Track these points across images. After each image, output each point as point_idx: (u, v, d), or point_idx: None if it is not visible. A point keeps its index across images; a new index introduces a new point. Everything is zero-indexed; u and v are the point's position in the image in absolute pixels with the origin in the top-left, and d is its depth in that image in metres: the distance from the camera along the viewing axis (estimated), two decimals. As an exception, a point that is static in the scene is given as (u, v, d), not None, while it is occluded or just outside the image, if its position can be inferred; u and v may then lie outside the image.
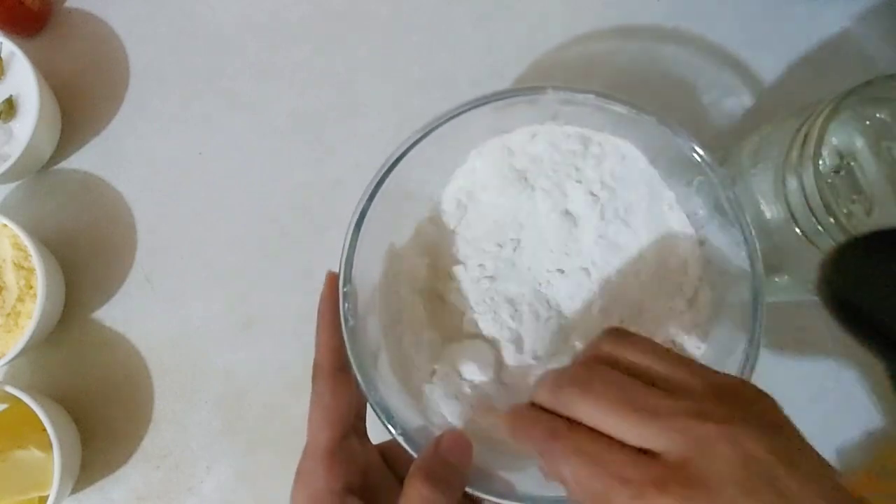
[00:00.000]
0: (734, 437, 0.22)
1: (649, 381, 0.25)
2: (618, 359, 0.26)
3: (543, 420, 0.26)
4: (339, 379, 0.31)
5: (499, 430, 0.34)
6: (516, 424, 0.27)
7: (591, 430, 0.24)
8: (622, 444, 0.23)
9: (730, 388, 0.24)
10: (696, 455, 0.22)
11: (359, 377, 0.32)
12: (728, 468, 0.21)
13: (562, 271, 0.37)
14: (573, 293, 0.37)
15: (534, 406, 0.27)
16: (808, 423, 0.24)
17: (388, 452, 0.33)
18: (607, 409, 0.24)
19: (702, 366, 0.25)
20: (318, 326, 0.32)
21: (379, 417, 0.31)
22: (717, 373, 0.25)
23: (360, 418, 0.33)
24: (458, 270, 0.38)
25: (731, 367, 0.32)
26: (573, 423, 0.25)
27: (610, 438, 0.24)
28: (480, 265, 0.38)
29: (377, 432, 0.33)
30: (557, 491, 0.31)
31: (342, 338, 0.32)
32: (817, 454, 0.23)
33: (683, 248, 0.37)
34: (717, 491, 0.21)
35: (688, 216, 0.37)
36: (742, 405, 0.24)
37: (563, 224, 0.37)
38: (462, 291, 0.37)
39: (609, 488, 0.23)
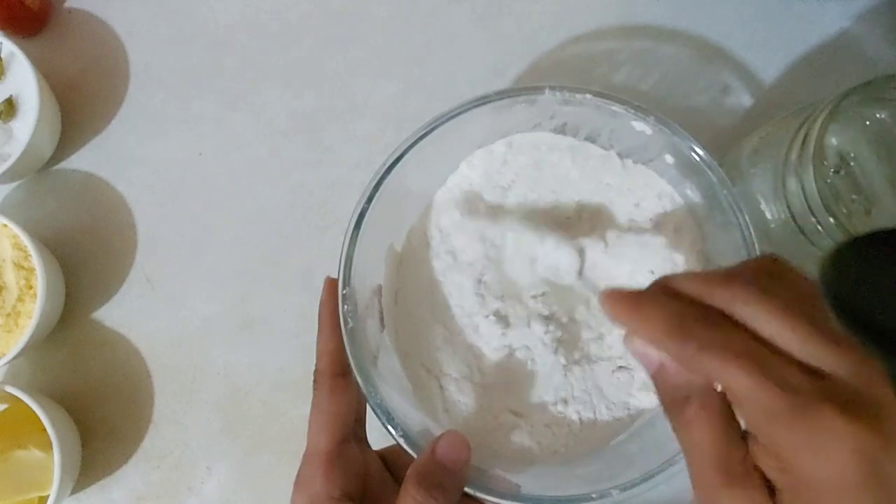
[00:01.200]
0: None
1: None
2: (788, 280, 0.23)
3: (690, 305, 0.22)
4: (340, 384, 0.31)
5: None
6: (640, 301, 0.23)
7: (753, 335, 0.21)
8: (795, 359, 0.21)
9: None
10: (874, 389, 0.20)
11: (359, 378, 0.32)
12: None
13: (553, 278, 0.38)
14: (569, 295, 0.37)
15: (658, 291, 0.23)
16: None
17: (389, 458, 0.33)
18: (788, 319, 0.21)
19: None
20: (318, 332, 0.32)
21: (379, 419, 0.31)
22: None
23: (361, 424, 0.33)
24: (455, 269, 0.38)
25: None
26: (733, 321, 0.22)
27: (779, 349, 0.21)
28: (471, 264, 0.38)
29: (379, 436, 0.33)
30: (558, 491, 0.31)
31: (342, 343, 0.32)
32: None
33: (683, 249, 0.37)
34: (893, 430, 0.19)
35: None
36: None
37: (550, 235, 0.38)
38: (460, 290, 0.37)
39: (775, 398, 0.20)
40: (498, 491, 0.30)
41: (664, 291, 0.23)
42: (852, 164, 0.34)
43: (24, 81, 0.48)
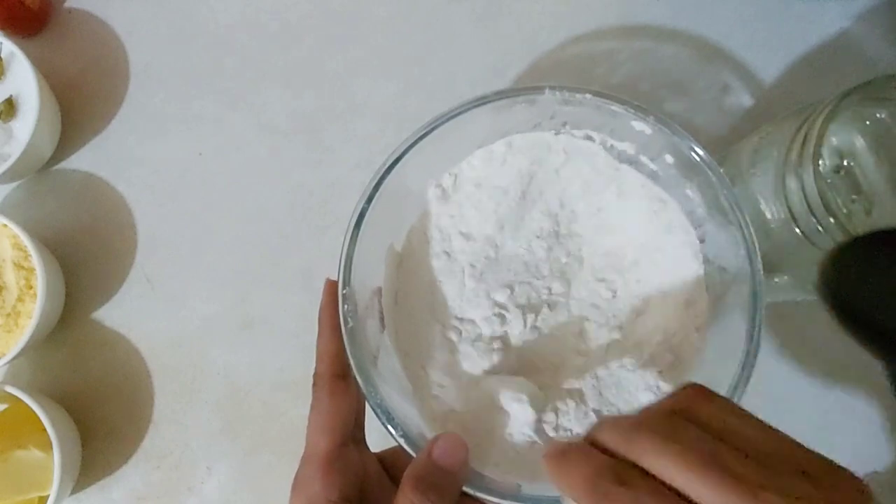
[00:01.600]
0: None
1: (734, 447, 0.22)
2: (701, 418, 0.23)
3: (606, 462, 0.23)
4: (339, 387, 0.31)
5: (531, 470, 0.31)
6: (565, 460, 0.24)
7: (662, 486, 0.21)
8: None
9: (822, 467, 0.22)
10: None
11: (359, 378, 0.32)
12: None
13: (554, 278, 0.37)
14: (565, 298, 0.37)
15: (587, 446, 0.24)
16: (808, 423, 0.24)
17: (388, 460, 0.33)
18: (691, 466, 0.21)
19: (791, 438, 0.23)
20: (318, 334, 0.32)
21: (379, 419, 0.31)
22: (807, 449, 0.22)
23: (360, 426, 0.33)
24: (452, 269, 0.38)
25: (730, 367, 0.32)
26: (645, 474, 0.22)
27: (687, 501, 0.21)
28: (472, 265, 0.38)
29: (379, 437, 0.33)
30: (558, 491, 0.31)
31: (342, 345, 0.32)
32: None
33: (682, 249, 0.37)
34: None
35: (686, 215, 0.37)
36: (836, 489, 0.21)
37: (549, 238, 0.38)
38: (458, 289, 0.37)
39: None
40: (498, 491, 0.30)
41: (592, 443, 0.24)
42: (852, 164, 0.34)
43: (24, 81, 0.48)
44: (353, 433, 0.32)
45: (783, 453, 0.22)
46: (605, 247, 0.38)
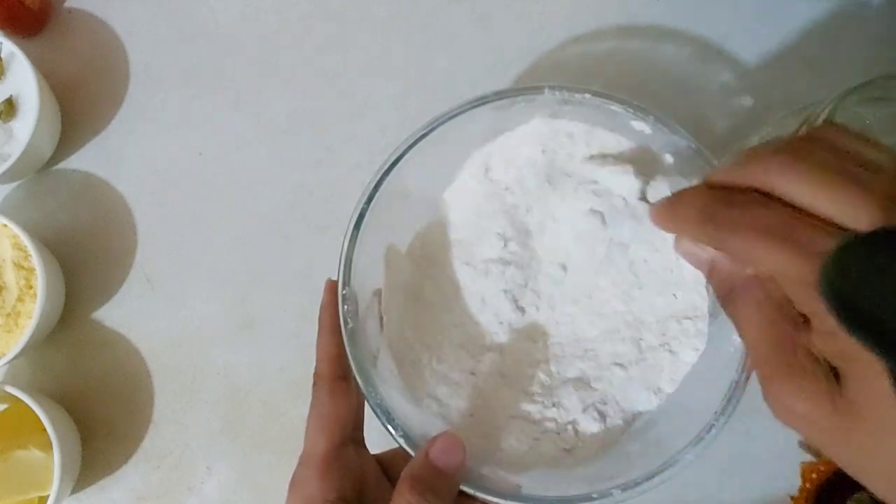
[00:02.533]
0: None
1: (872, 168, 0.20)
2: (834, 143, 0.21)
3: (719, 192, 0.21)
4: (339, 388, 0.31)
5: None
6: (676, 201, 0.23)
7: (786, 205, 0.20)
8: (833, 225, 0.20)
9: None
10: None
11: (359, 378, 0.32)
12: None
13: (559, 273, 0.37)
14: (565, 299, 0.37)
15: (698, 186, 0.23)
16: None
17: (388, 462, 0.33)
18: (818, 181, 0.20)
19: None
20: (318, 335, 0.32)
21: (379, 419, 0.31)
22: None
23: (358, 428, 0.33)
24: (455, 271, 0.38)
25: (730, 367, 0.32)
26: (765, 197, 0.21)
27: (816, 218, 0.20)
28: (473, 265, 0.38)
29: (379, 437, 0.33)
30: (558, 491, 0.31)
31: (342, 346, 0.32)
32: None
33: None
34: None
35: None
36: None
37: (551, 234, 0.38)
38: (457, 290, 0.37)
39: (806, 267, 0.19)
40: (498, 491, 0.30)
41: (706, 185, 0.23)
42: (852, 163, 0.34)
43: (24, 81, 0.48)
44: (353, 434, 0.32)
45: None
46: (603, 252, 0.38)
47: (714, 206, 0.22)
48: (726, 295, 0.23)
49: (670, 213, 0.23)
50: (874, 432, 0.19)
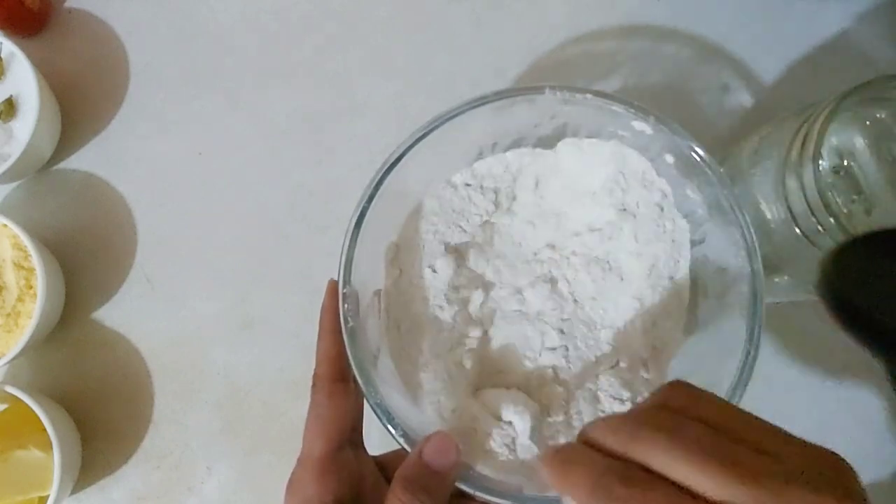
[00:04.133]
0: None
1: (735, 439, 0.22)
2: (697, 413, 0.23)
3: (609, 463, 0.23)
4: (338, 389, 0.31)
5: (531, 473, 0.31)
6: (566, 463, 0.24)
7: (671, 484, 0.21)
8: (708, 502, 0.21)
9: (817, 455, 0.22)
10: None
11: (359, 378, 0.32)
12: None
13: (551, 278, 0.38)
14: (560, 299, 0.37)
15: (584, 447, 0.24)
16: (808, 423, 0.24)
17: (386, 464, 0.33)
18: (694, 459, 0.21)
19: (783, 430, 0.23)
20: (319, 337, 0.32)
21: (379, 418, 0.31)
22: (799, 438, 0.23)
23: (357, 430, 0.33)
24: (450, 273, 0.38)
25: (730, 367, 0.32)
26: (649, 472, 0.22)
27: (692, 494, 0.21)
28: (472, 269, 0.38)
29: (380, 437, 0.33)
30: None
31: (342, 347, 0.32)
32: None
33: (675, 250, 0.37)
34: None
35: (686, 216, 0.37)
36: (829, 474, 0.21)
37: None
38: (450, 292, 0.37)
39: None
40: (498, 491, 0.30)
41: (588, 444, 0.24)
42: (852, 164, 0.34)
43: (24, 81, 0.48)
44: (351, 436, 0.32)
45: (780, 444, 0.22)
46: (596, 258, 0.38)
47: (608, 479, 0.22)
48: None
49: (563, 474, 0.23)
50: None
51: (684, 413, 0.23)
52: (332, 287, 0.33)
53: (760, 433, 0.22)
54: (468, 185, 0.39)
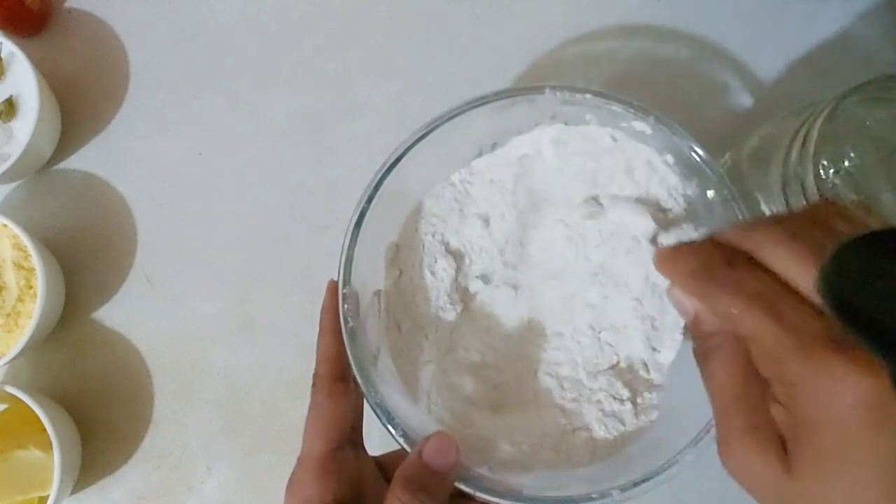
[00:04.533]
0: None
1: None
2: (833, 227, 0.23)
3: (717, 250, 0.23)
4: (338, 389, 0.31)
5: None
6: (678, 252, 0.24)
7: (773, 275, 0.22)
8: (811, 304, 0.21)
9: None
10: None
11: (359, 378, 0.32)
12: None
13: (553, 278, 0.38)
14: (561, 298, 0.37)
15: (702, 241, 0.24)
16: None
17: (386, 465, 0.33)
18: (805, 261, 0.21)
19: None
20: (319, 337, 0.32)
21: (379, 418, 0.31)
22: None
23: (357, 430, 0.33)
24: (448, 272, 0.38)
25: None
26: (756, 264, 0.22)
27: (789, 290, 0.21)
28: (475, 262, 0.38)
29: (380, 437, 0.33)
30: (558, 491, 0.31)
31: (342, 348, 0.32)
32: None
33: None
34: None
35: (686, 216, 0.37)
36: None
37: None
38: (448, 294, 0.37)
39: (782, 338, 0.20)
40: (498, 491, 0.30)
41: (710, 241, 0.24)
42: (852, 164, 0.34)
43: (24, 81, 0.48)
44: (351, 436, 0.32)
45: None
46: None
47: (711, 263, 0.23)
48: (702, 348, 0.24)
49: (672, 261, 0.24)
50: (821, 497, 0.20)
51: (821, 223, 0.23)
52: (332, 287, 0.33)
53: None
54: (468, 182, 0.39)
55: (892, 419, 0.19)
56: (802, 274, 0.21)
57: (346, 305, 0.32)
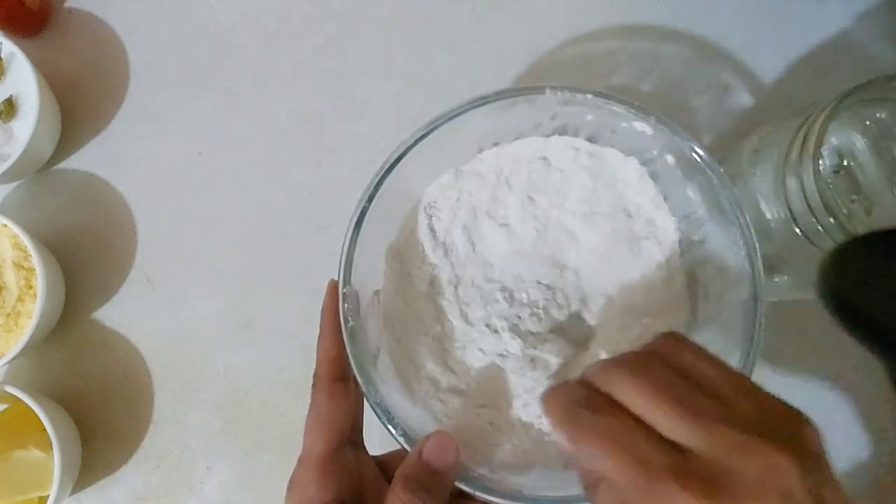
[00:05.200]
0: (771, 459, 0.21)
1: (700, 386, 0.24)
2: (673, 360, 0.25)
3: (583, 393, 0.25)
4: (338, 389, 0.31)
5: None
6: (553, 394, 0.26)
7: (628, 414, 0.23)
8: (657, 435, 0.23)
9: (779, 411, 0.24)
10: (727, 461, 0.21)
11: (359, 378, 0.32)
12: (756, 485, 0.21)
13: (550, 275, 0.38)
14: (561, 297, 0.37)
15: (574, 382, 0.26)
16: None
17: (386, 464, 0.33)
18: (652, 397, 0.23)
19: (754, 383, 0.25)
20: (319, 337, 0.32)
21: (379, 418, 0.31)
22: (768, 393, 0.24)
23: (357, 430, 0.33)
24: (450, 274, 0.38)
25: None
26: (613, 403, 0.24)
27: (645, 427, 0.23)
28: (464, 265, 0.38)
29: (380, 437, 0.33)
30: (558, 491, 0.31)
31: (342, 348, 0.32)
32: (845, 496, 0.22)
33: (665, 252, 0.37)
34: (739, 501, 0.21)
35: (687, 216, 0.37)
36: (787, 430, 0.23)
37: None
38: (458, 292, 0.37)
39: (629, 470, 0.22)
40: (498, 491, 0.30)
41: (581, 383, 0.26)
42: (852, 164, 0.34)
43: (24, 81, 0.48)
44: (351, 436, 0.32)
45: (744, 395, 0.23)
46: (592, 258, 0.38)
47: (575, 407, 0.25)
48: (586, 482, 0.25)
49: (547, 404, 0.26)
50: None
51: (664, 358, 0.25)
52: (332, 287, 0.33)
53: (730, 385, 0.24)
54: (468, 181, 0.39)
55: None
56: (650, 408, 0.23)
57: (346, 305, 0.32)
